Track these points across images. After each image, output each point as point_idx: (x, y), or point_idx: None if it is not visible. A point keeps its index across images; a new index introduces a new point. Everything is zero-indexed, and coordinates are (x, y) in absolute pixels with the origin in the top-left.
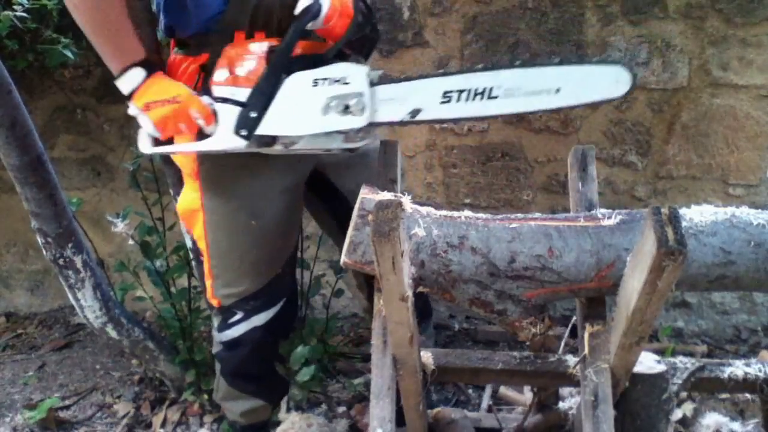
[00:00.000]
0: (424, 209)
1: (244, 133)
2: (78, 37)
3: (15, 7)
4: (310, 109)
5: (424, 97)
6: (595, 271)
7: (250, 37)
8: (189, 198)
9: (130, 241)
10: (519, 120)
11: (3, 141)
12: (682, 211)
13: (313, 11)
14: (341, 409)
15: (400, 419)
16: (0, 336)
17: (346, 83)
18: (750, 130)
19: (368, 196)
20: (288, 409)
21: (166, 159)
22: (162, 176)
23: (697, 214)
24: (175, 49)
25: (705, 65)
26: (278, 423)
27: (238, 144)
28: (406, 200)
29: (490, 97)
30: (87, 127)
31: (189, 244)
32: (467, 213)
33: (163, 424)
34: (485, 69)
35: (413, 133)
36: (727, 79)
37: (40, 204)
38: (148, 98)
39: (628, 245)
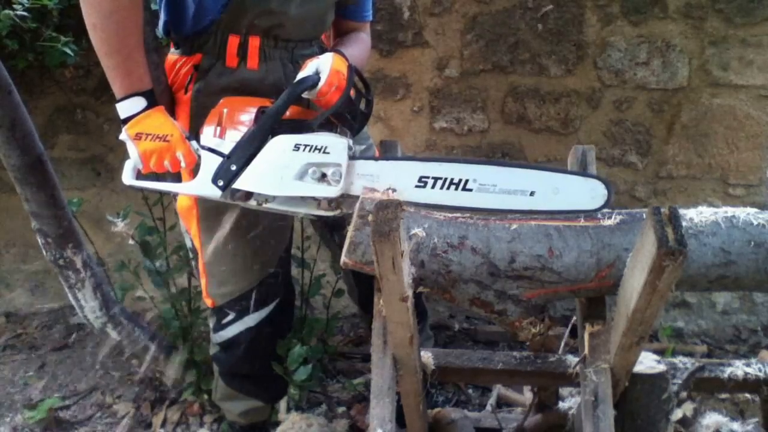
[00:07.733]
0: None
1: (221, 183)
2: (78, 36)
3: (15, 6)
4: (287, 172)
5: (400, 179)
6: (595, 271)
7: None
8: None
9: (131, 241)
10: (519, 119)
11: (3, 141)
12: (682, 211)
13: (310, 83)
14: (341, 409)
15: (400, 419)
16: (0, 336)
17: (327, 152)
18: (750, 130)
19: (368, 196)
20: (288, 409)
21: None
22: None
23: (697, 214)
24: (172, 49)
25: (705, 65)
26: (278, 423)
27: (214, 193)
28: None
29: (464, 189)
30: (87, 127)
31: (188, 244)
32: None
33: (163, 424)
34: (464, 161)
35: (413, 133)
36: (727, 79)
37: (40, 204)
38: (141, 129)
39: (628, 245)
